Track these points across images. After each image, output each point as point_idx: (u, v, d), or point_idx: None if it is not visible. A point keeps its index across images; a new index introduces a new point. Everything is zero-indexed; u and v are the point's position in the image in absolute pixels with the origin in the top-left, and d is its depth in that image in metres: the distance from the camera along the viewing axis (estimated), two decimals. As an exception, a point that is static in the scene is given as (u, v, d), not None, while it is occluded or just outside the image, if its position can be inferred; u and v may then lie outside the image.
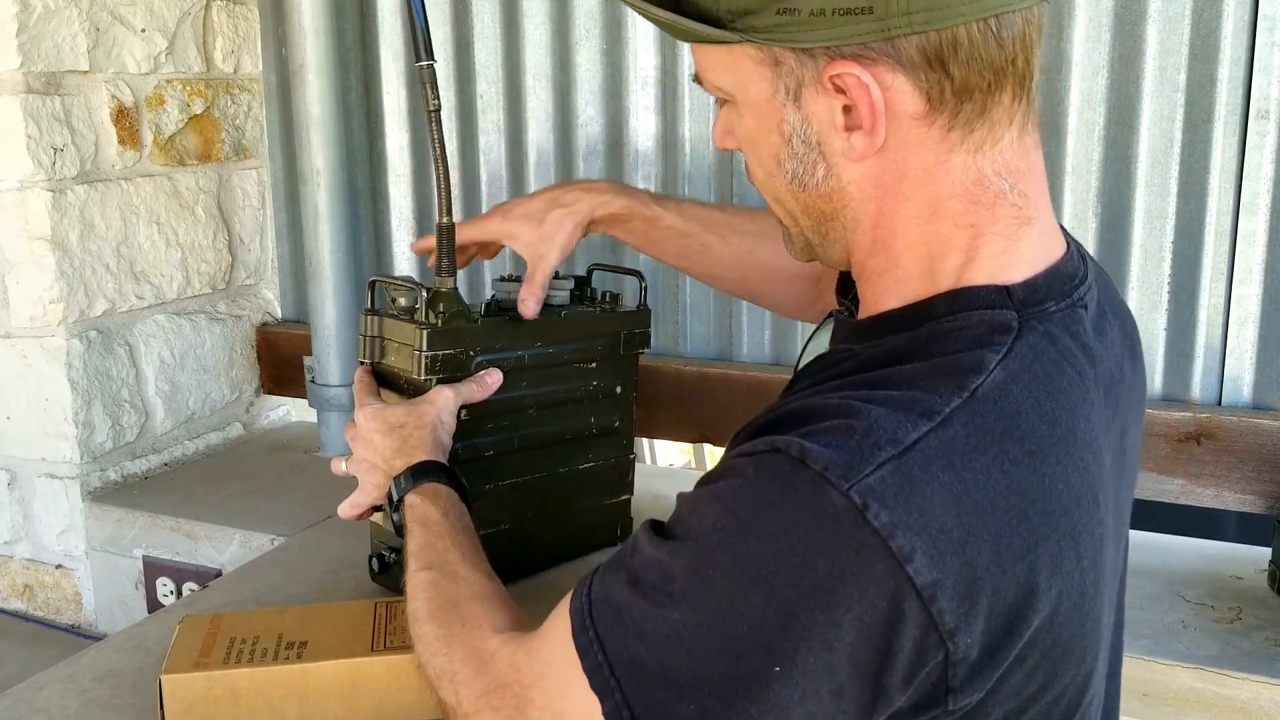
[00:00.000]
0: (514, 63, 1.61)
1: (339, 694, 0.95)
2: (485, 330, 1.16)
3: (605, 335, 1.26)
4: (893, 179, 0.69)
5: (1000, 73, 0.66)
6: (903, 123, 0.67)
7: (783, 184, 0.74)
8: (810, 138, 0.70)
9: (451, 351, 1.13)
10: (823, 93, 0.68)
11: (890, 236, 0.71)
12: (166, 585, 1.50)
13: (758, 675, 0.60)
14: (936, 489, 0.59)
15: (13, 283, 1.52)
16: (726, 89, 0.75)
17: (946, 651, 0.59)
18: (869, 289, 0.75)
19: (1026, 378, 0.65)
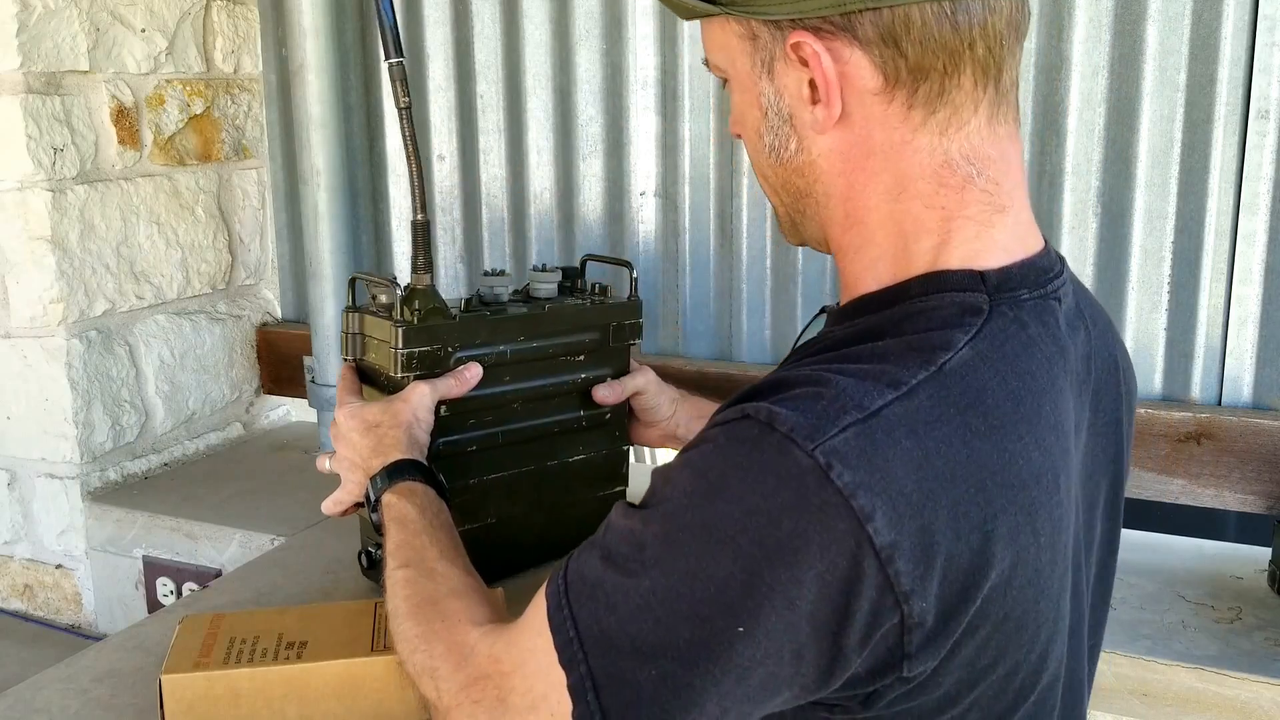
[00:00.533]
0: (514, 63, 1.61)
1: (339, 694, 0.95)
2: (463, 326, 1.15)
3: (593, 328, 1.24)
4: (860, 153, 0.72)
5: (956, 55, 0.68)
6: (864, 98, 0.70)
7: (764, 159, 0.77)
8: (783, 110, 0.73)
9: (428, 348, 1.12)
10: (791, 65, 0.71)
11: (862, 212, 0.73)
12: (166, 585, 1.50)
13: (722, 637, 0.61)
14: (899, 453, 0.60)
15: (13, 283, 1.52)
16: (721, 66, 0.78)
17: (902, 615, 0.60)
18: (847, 266, 0.76)
19: (995, 357, 0.66)
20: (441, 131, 1.68)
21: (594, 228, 1.61)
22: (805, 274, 1.50)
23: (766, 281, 1.53)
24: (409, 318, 1.12)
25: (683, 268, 1.57)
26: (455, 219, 1.70)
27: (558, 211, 1.63)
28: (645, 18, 1.52)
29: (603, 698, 0.64)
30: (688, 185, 1.55)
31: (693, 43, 1.51)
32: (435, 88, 1.67)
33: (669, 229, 1.57)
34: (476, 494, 1.19)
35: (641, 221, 1.58)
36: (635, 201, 1.58)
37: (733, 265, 1.54)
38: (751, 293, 1.54)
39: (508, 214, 1.66)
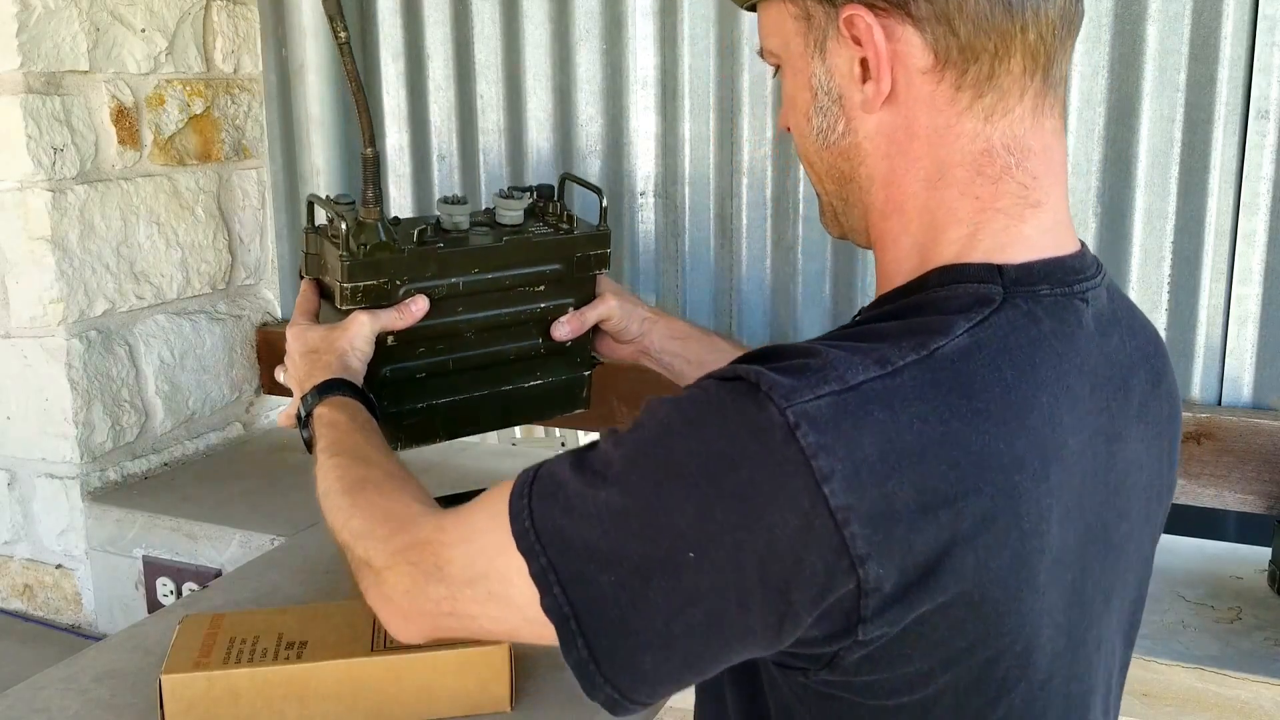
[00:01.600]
0: (514, 63, 1.61)
1: (339, 694, 0.95)
2: (412, 259, 1.14)
3: (555, 259, 1.21)
4: (904, 137, 0.71)
5: (1007, 38, 0.68)
6: (913, 77, 0.69)
7: (813, 144, 0.76)
8: (833, 90, 0.73)
9: (374, 282, 1.12)
10: (843, 44, 0.71)
11: (902, 197, 0.73)
12: (166, 585, 1.50)
13: (673, 558, 0.63)
14: (869, 425, 0.61)
15: (13, 283, 1.52)
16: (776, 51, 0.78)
17: (858, 578, 0.61)
18: (885, 254, 0.76)
19: (994, 347, 0.66)
20: (441, 131, 1.68)
21: (594, 228, 1.61)
22: (805, 274, 1.50)
23: (766, 281, 1.53)
24: (354, 251, 1.11)
25: (683, 268, 1.57)
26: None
27: (558, 211, 1.63)
28: (645, 18, 1.52)
29: (570, 592, 0.66)
30: (688, 185, 1.55)
31: (693, 43, 1.51)
32: (435, 88, 1.67)
33: (669, 229, 1.57)
34: (425, 416, 1.19)
35: (641, 221, 1.58)
36: (635, 201, 1.58)
37: (733, 265, 1.54)
38: (751, 293, 1.54)
39: (508, 214, 1.66)
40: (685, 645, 0.65)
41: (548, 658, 1.07)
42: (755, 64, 1.47)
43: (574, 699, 1.01)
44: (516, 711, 0.98)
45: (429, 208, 1.71)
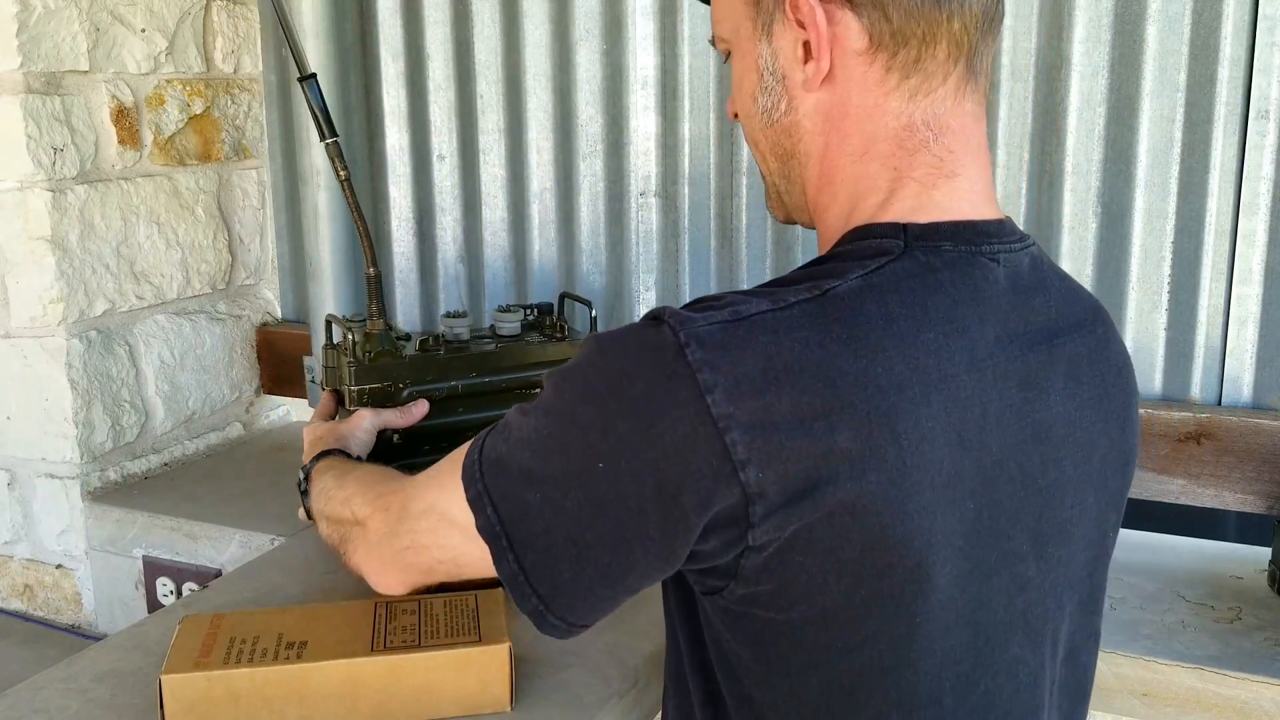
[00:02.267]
0: (514, 63, 1.61)
1: (339, 694, 0.95)
2: (413, 364, 1.30)
3: (547, 363, 1.37)
4: (838, 114, 0.78)
5: (934, 26, 0.75)
6: (849, 58, 0.76)
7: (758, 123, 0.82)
8: (778, 70, 0.79)
9: (379, 385, 1.28)
10: (788, 26, 0.77)
11: (833, 170, 0.79)
12: (166, 585, 1.50)
13: (585, 469, 0.71)
14: (752, 346, 0.67)
15: (13, 283, 1.52)
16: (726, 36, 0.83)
17: (741, 484, 0.67)
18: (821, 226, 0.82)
19: (884, 288, 0.71)
20: (441, 131, 1.68)
21: (594, 228, 1.61)
22: (805, 274, 1.50)
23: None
24: (360, 357, 1.28)
25: (683, 268, 1.57)
26: (455, 219, 1.70)
27: (558, 211, 1.63)
28: (645, 18, 1.52)
29: (500, 510, 0.75)
30: (688, 185, 1.55)
31: (693, 42, 1.51)
32: (435, 88, 1.67)
33: (669, 229, 1.57)
34: None
35: (641, 221, 1.58)
36: (635, 201, 1.58)
37: (733, 265, 1.54)
38: (751, 293, 1.54)
39: (508, 214, 1.66)
40: (596, 555, 0.72)
41: (547, 658, 1.07)
42: (755, 64, 1.47)
43: (574, 699, 1.01)
44: (516, 711, 0.98)
45: (429, 208, 1.71)
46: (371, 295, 1.30)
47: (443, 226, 1.71)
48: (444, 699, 0.97)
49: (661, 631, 1.14)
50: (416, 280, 1.75)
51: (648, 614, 1.18)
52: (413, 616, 1.01)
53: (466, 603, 1.03)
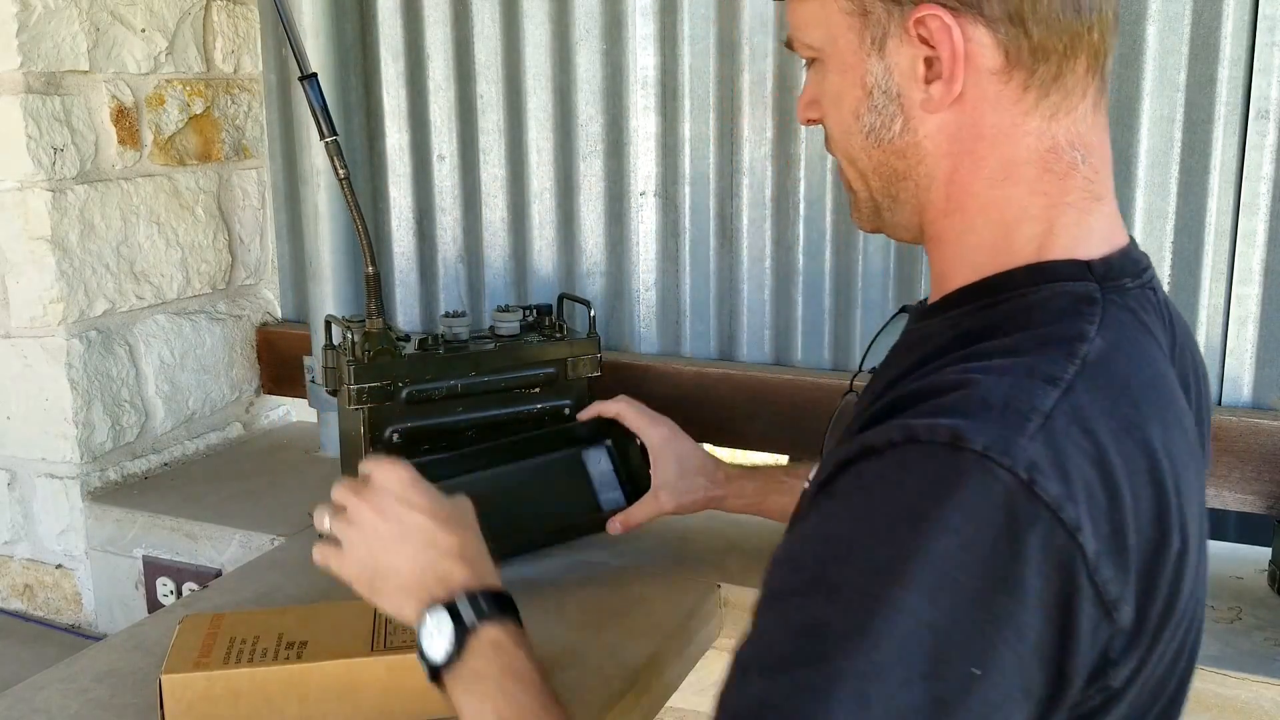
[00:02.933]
0: (514, 63, 1.61)
1: (339, 694, 0.95)
2: (412, 363, 1.30)
3: (548, 363, 1.38)
4: (969, 136, 0.71)
5: (1076, 39, 0.69)
6: (981, 77, 0.69)
7: (858, 141, 0.75)
8: (891, 89, 0.72)
9: (378, 384, 1.28)
10: (907, 42, 0.70)
11: (965, 197, 0.72)
12: (166, 585, 1.50)
13: (960, 685, 0.55)
14: (1081, 455, 0.59)
15: (13, 283, 1.52)
16: (815, 45, 0.76)
17: (1112, 623, 0.59)
18: (943, 253, 0.75)
19: (1125, 346, 0.66)
20: (441, 131, 1.68)
21: (594, 228, 1.61)
22: (805, 274, 1.50)
23: (766, 281, 1.53)
24: (359, 357, 1.28)
25: (683, 268, 1.57)
26: (455, 219, 1.70)
27: (558, 211, 1.63)
28: (645, 18, 1.52)
29: None
30: (688, 185, 1.55)
31: (693, 42, 1.51)
32: (435, 87, 1.67)
33: (669, 229, 1.57)
34: None
35: (641, 221, 1.58)
36: (635, 201, 1.58)
37: (733, 265, 1.54)
38: (751, 293, 1.54)
39: (508, 214, 1.66)
40: None
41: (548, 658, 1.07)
42: (755, 63, 1.47)
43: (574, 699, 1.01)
44: (516, 711, 0.98)
45: (429, 208, 1.71)
46: (370, 295, 1.30)
47: (443, 226, 1.71)
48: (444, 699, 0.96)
49: (661, 632, 1.14)
50: (416, 280, 1.75)
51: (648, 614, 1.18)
52: (413, 616, 1.01)
53: (466, 603, 1.03)
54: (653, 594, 1.22)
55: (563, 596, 1.21)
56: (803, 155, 1.47)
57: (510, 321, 1.40)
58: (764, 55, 1.46)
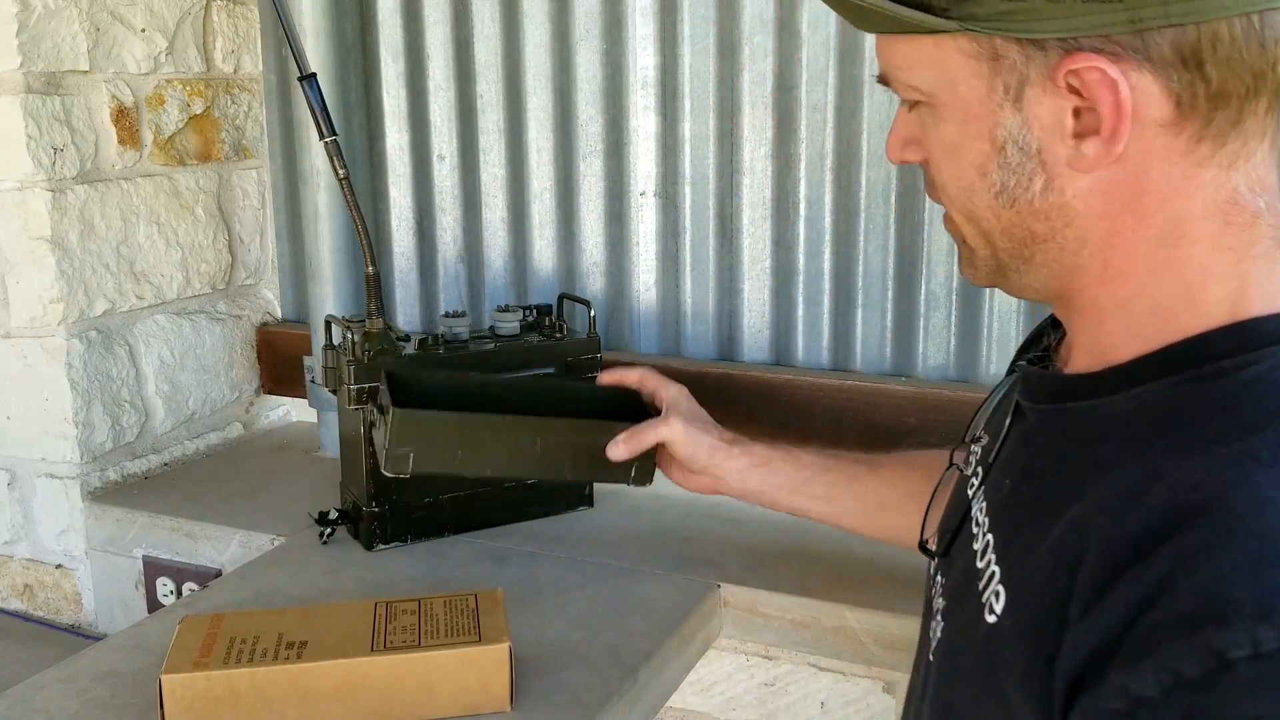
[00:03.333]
0: (514, 63, 1.61)
1: (339, 694, 0.95)
2: (411, 364, 1.30)
3: (547, 363, 1.38)
4: (1129, 194, 0.62)
5: (1260, 78, 0.59)
6: (1145, 129, 0.60)
7: (984, 199, 0.67)
8: (1029, 145, 0.63)
9: (378, 384, 1.24)
10: (1051, 92, 0.61)
11: (1127, 261, 0.64)
12: (166, 585, 1.50)
13: None
14: None
15: (13, 283, 1.52)
16: (925, 88, 0.67)
17: None
18: (1098, 321, 0.67)
19: None
20: (441, 131, 1.68)
21: (594, 228, 1.61)
22: (805, 274, 1.50)
23: (766, 281, 1.53)
24: (359, 356, 1.27)
25: (683, 267, 1.57)
26: (455, 219, 1.70)
27: (558, 211, 1.63)
28: (645, 18, 1.52)
29: None
30: (688, 185, 1.55)
31: (693, 42, 1.51)
32: (435, 87, 1.67)
33: (669, 229, 1.57)
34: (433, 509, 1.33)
35: (641, 221, 1.58)
36: (635, 201, 1.58)
37: (733, 265, 1.54)
38: (751, 293, 1.54)
39: (508, 214, 1.66)
40: None
41: (547, 658, 1.07)
42: (755, 64, 1.47)
43: (574, 699, 1.01)
44: (516, 711, 0.98)
45: (429, 207, 1.71)
46: (371, 295, 1.30)
47: (443, 226, 1.71)
48: (444, 699, 0.97)
49: (661, 632, 1.14)
50: (416, 280, 1.75)
51: (648, 614, 1.18)
52: (413, 616, 1.01)
53: (466, 602, 1.03)
54: (653, 594, 1.22)
55: (563, 596, 1.21)
56: (803, 155, 1.47)
57: (510, 321, 1.40)
58: (764, 55, 1.46)
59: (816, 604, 1.20)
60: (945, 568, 0.80)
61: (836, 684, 1.26)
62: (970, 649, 0.69)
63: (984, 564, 0.70)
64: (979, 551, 0.72)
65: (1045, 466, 0.68)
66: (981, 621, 0.67)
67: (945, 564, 0.80)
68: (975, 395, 1.39)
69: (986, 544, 0.72)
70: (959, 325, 1.43)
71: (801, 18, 1.43)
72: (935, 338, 1.44)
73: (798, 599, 1.21)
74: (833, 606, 1.19)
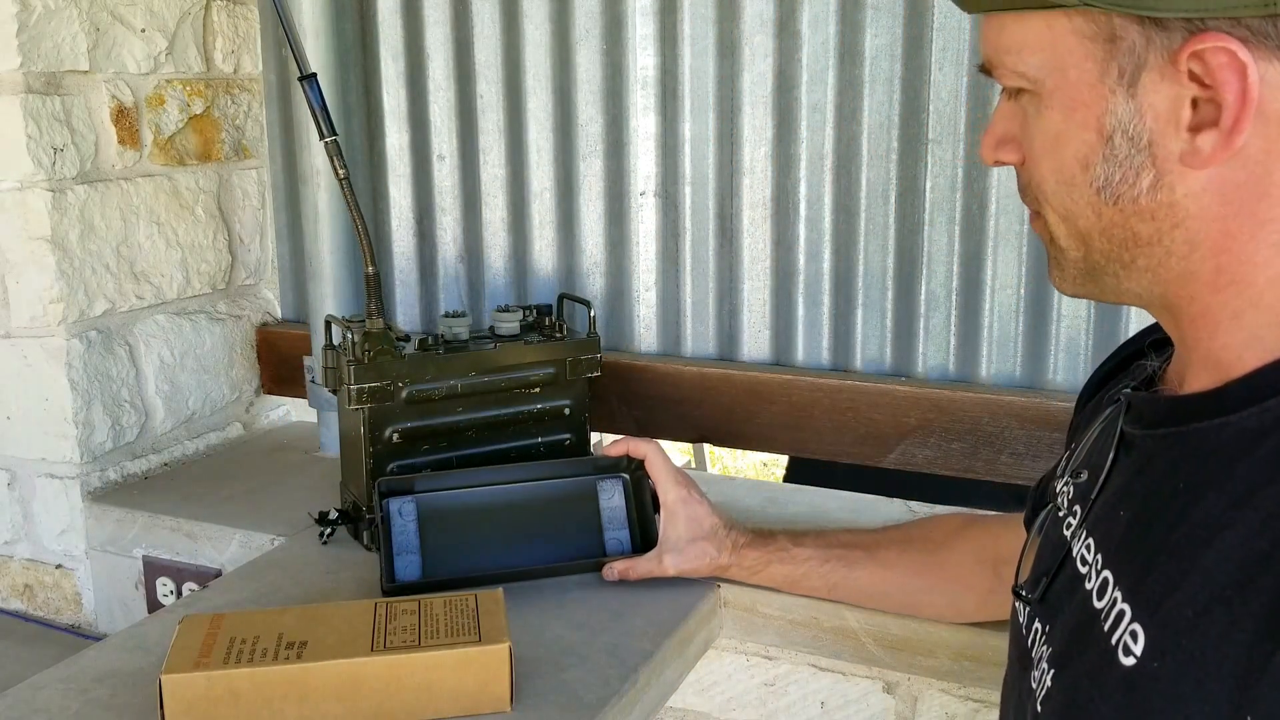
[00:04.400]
0: (514, 63, 1.61)
1: (339, 694, 0.95)
2: (412, 363, 1.31)
3: (547, 363, 1.38)
4: (1249, 195, 0.58)
5: None
6: (1270, 126, 0.56)
7: (1084, 196, 0.63)
8: (1140, 136, 0.59)
9: (378, 384, 1.28)
10: (1169, 78, 0.57)
11: (1244, 267, 0.60)
12: (166, 585, 1.50)
13: None
14: None
15: (13, 283, 1.52)
16: (1033, 74, 0.62)
17: None
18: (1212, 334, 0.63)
19: None
20: (441, 131, 1.68)
21: (594, 228, 1.61)
22: (805, 274, 1.50)
23: (766, 281, 1.53)
24: (359, 356, 1.28)
25: (683, 268, 1.57)
26: (455, 219, 1.70)
27: (558, 211, 1.63)
28: (645, 18, 1.52)
29: None
30: (688, 185, 1.55)
31: (693, 42, 1.51)
32: (435, 87, 1.67)
33: (669, 229, 1.57)
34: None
35: (641, 221, 1.58)
36: (635, 201, 1.58)
37: (733, 265, 1.54)
38: (751, 293, 1.54)
39: (508, 214, 1.66)
40: None
41: (547, 658, 1.07)
42: (755, 64, 1.47)
43: (574, 699, 1.01)
44: (516, 711, 0.98)
45: (429, 207, 1.71)
46: (371, 295, 1.30)
47: (443, 226, 1.71)
48: (444, 699, 0.97)
49: (661, 632, 1.14)
50: (416, 280, 1.75)
51: (647, 614, 1.18)
52: (413, 616, 1.01)
53: (466, 602, 1.03)
54: (653, 594, 1.22)
55: (563, 596, 1.21)
56: (803, 155, 1.47)
57: (510, 321, 1.40)
58: (764, 55, 1.46)
59: (816, 604, 1.20)
60: (1044, 614, 0.74)
61: (836, 684, 1.26)
62: (1102, 695, 0.64)
63: (1105, 604, 0.65)
64: (1094, 591, 0.67)
65: (1176, 493, 0.63)
66: (1115, 665, 0.62)
67: (1044, 610, 0.74)
68: (975, 395, 1.39)
69: (1105, 582, 0.66)
70: (959, 325, 1.43)
71: (801, 18, 1.43)
72: (935, 338, 1.44)
73: (798, 599, 1.21)
74: (833, 606, 1.19)
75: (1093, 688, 0.65)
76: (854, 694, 1.25)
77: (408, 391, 1.31)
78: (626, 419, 1.58)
